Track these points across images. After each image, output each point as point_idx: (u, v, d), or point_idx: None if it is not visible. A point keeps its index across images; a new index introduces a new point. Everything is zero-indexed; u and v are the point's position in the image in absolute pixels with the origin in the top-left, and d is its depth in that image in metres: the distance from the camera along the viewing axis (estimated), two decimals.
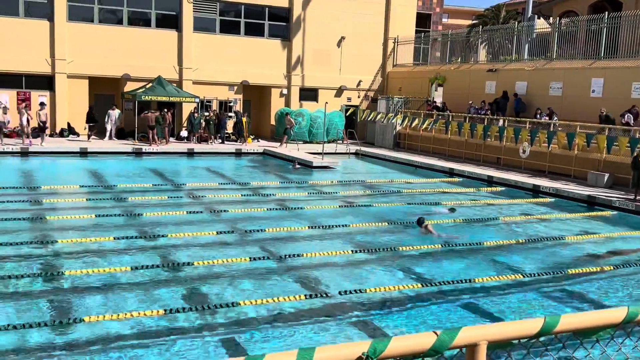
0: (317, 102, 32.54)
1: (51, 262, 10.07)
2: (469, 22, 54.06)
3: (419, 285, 9.64)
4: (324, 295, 8.91)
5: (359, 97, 34.19)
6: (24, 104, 25.99)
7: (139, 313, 7.77)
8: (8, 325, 7.19)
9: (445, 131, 26.87)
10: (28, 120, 24.32)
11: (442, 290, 9.47)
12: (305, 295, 8.78)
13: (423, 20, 37.38)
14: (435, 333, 2.12)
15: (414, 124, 27.32)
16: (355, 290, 8.99)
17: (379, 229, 13.44)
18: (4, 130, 24.63)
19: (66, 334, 7.24)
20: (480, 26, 35.54)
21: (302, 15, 32.04)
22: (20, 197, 15.26)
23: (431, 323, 8.20)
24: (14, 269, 9.51)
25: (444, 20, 65.52)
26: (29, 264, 9.83)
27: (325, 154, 25.74)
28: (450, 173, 23.15)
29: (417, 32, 35.00)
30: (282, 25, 32.17)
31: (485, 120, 25.45)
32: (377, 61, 34.30)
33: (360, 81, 33.89)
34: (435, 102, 30.26)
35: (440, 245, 12.08)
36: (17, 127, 25.00)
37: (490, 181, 21.40)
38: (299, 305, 8.51)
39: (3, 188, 15.90)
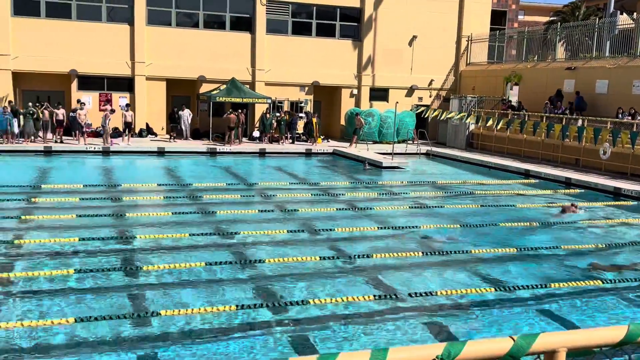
0: (387, 102, 32.36)
1: (130, 257, 10.49)
2: (547, 18, 52.23)
3: (492, 289, 9.40)
4: (394, 296, 8.84)
5: (430, 96, 33.74)
6: (109, 108, 27.17)
7: (212, 308, 7.97)
8: (90, 317, 7.54)
9: (521, 131, 26.07)
10: (107, 121, 25.45)
11: (517, 295, 9.21)
12: (374, 296, 8.75)
13: (498, 18, 36.41)
14: (512, 338, 2.06)
15: (488, 124, 26.67)
16: (425, 293, 8.87)
17: (451, 230, 13.20)
18: (86, 130, 25.90)
19: (143, 327, 7.52)
20: (559, 23, 34.28)
21: (374, 15, 31.93)
22: (102, 195, 15.98)
23: (505, 328, 7.98)
24: (95, 263, 9.96)
25: (520, 17, 63.59)
26: (109, 259, 10.28)
27: (395, 154, 25.56)
28: (526, 174, 22.46)
29: (491, 29, 34.17)
30: (353, 26, 32.18)
31: (564, 120, 24.53)
32: (449, 60, 33.74)
33: (432, 80, 33.44)
34: (510, 101, 29.45)
35: (515, 249, 11.74)
36: (99, 127, 26.21)
37: (568, 183, 20.61)
38: (369, 306, 8.48)
39: (86, 186, 16.70)
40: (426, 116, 27.91)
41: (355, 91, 32.52)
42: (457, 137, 30.58)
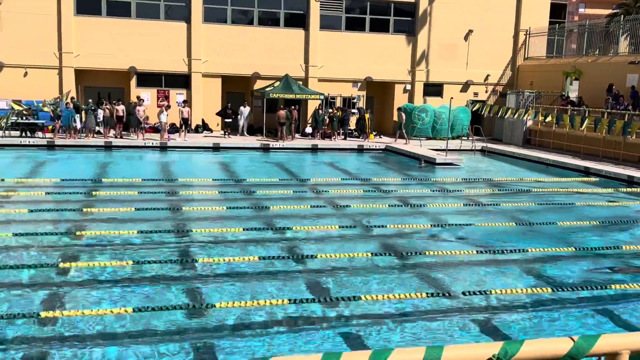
0: (441, 97, 31.94)
1: (186, 250, 10.73)
2: (609, 11, 50.37)
3: (549, 288, 9.17)
4: (447, 294, 8.74)
5: (486, 92, 33.10)
6: (166, 103, 27.87)
7: (266, 302, 8.07)
8: (147, 307, 7.77)
9: (581, 127, 25.26)
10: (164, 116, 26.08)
11: (575, 295, 8.95)
12: (427, 294, 8.67)
13: (558, 11, 35.31)
14: (572, 339, 2.01)
15: (548, 120, 25.97)
16: (479, 292, 8.73)
17: (507, 229, 12.95)
18: (144, 126, 26.62)
19: (198, 318, 7.68)
20: (622, 15, 33.01)
21: (429, 10, 31.55)
22: (159, 189, 16.40)
23: (562, 329, 7.77)
24: (152, 255, 10.24)
25: (581, 10, 61.70)
26: (166, 251, 10.54)
27: (449, 150, 25.20)
28: (586, 172, 21.76)
29: (551, 23, 33.17)
30: (407, 21, 31.88)
31: (626, 116, 23.63)
32: (506, 54, 32.99)
33: (488, 75, 32.79)
34: (569, 96, 28.56)
35: (574, 249, 11.40)
36: (157, 123, 26.88)
37: (630, 181, 19.86)
38: (421, 303, 8.42)
39: (144, 180, 17.18)
40: (482, 113, 27.43)
41: (408, 86, 32.22)
42: (514, 133, 29.89)
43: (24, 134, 25.14)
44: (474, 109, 29.22)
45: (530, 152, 25.88)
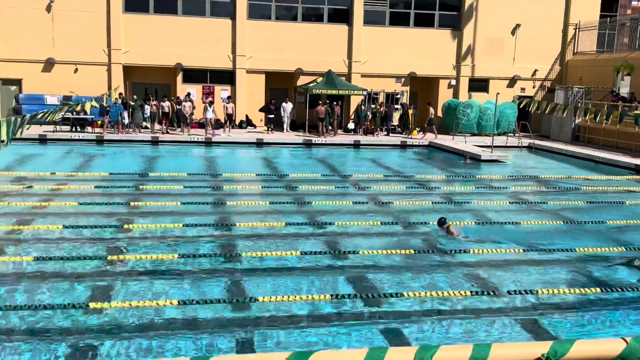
0: (487, 93, 31.41)
1: (229, 244, 10.86)
2: None
3: (598, 288, 8.91)
4: (492, 293, 8.59)
5: (533, 87, 32.38)
6: (210, 99, 28.24)
7: (308, 297, 8.10)
8: (192, 300, 7.89)
9: (635, 124, 24.39)
10: (206, 112, 26.42)
11: (625, 296, 8.68)
12: (471, 292, 8.54)
13: (609, 4, 34.20)
14: (625, 340, 1.94)
15: (599, 118, 25.21)
16: (526, 291, 8.56)
17: (554, 228, 12.65)
18: (189, 121, 27.03)
19: (242, 311, 7.76)
20: None
21: (475, 4, 31.03)
22: (204, 183, 16.64)
23: (610, 330, 7.54)
24: (196, 248, 10.39)
25: (634, 3, 59.57)
26: (210, 245, 10.69)
27: (494, 147, 24.77)
28: (637, 170, 21.07)
29: (601, 16, 32.17)
30: (453, 15, 31.44)
31: None
32: (555, 49, 32.18)
33: (535, 70, 32.07)
34: (619, 92, 27.68)
35: (623, 249, 11.05)
36: (202, 118, 27.26)
37: None
38: (465, 302, 8.30)
39: (189, 174, 17.46)
40: (529, 109, 26.84)
41: (453, 82, 31.80)
42: (562, 129, 29.17)
43: (74, 129, 25.86)
44: (521, 105, 28.60)
45: (579, 149, 25.20)
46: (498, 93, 26.95)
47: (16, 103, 27.10)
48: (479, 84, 31.94)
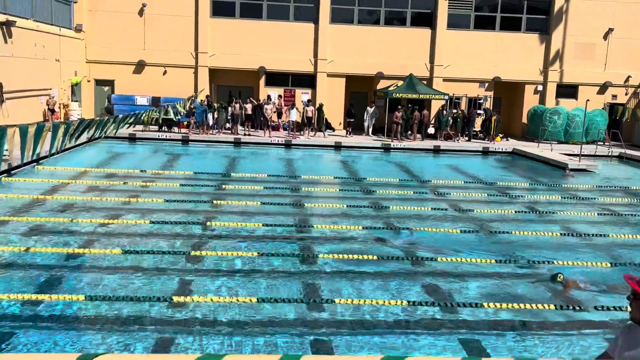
0: (576, 99, 30.18)
1: (305, 245, 10.97)
2: None
3: None
4: (577, 307, 8.24)
5: (626, 94, 30.80)
6: (291, 102, 28.69)
7: (384, 302, 8.06)
8: (270, 298, 8.04)
9: None
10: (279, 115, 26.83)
11: None
12: (555, 305, 8.23)
13: None
14: None
15: None
16: (614, 307, 8.15)
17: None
18: (271, 123, 27.53)
19: (318, 312, 7.82)
20: None
21: (565, 7, 29.90)
22: (283, 185, 16.90)
23: None
24: (273, 248, 10.57)
25: None
26: (286, 245, 10.83)
27: (582, 155, 23.73)
28: None
29: None
30: (541, 19, 30.42)
31: None
32: None
33: (629, 77, 30.49)
34: None
35: None
36: (283, 121, 27.71)
37: None
38: (547, 315, 8.00)
39: (269, 176, 17.79)
40: (622, 117, 25.55)
41: (540, 87, 30.75)
42: None
43: (161, 129, 26.93)
44: (618, 114, 27.24)
45: None
46: (588, 100, 25.81)
47: (108, 103, 28.54)
48: (568, 90, 30.73)
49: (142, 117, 18.45)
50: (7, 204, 13.10)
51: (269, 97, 28.55)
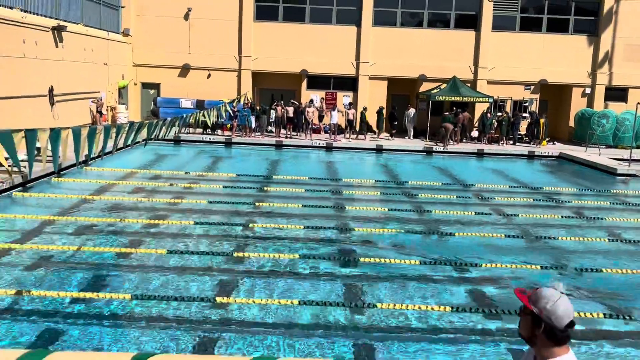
0: (625, 102, 29.33)
1: (346, 248, 10.96)
2: None
3: None
4: (627, 317, 8.00)
5: None
6: (333, 105, 28.72)
7: (426, 307, 7.99)
8: (312, 300, 8.06)
9: None
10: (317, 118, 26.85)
11: None
12: (604, 314, 8.00)
13: None
14: None
15: None
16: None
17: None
18: (312, 126, 27.61)
19: (359, 316, 7.80)
20: None
21: (615, 8, 29.11)
22: (324, 187, 16.92)
23: None
24: (313, 250, 10.59)
25: None
26: (327, 248, 10.84)
27: (633, 160, 23.03)
28: None
29: None
30: (589, 20, 29.69)
31: None
32: None
33: None
34: None
35: None
36: (324, 124, 27.76)
37: None
38: (594, 323, 7.79)
39: (310, 178, 17.85)
40: None
41: (588, 90, 30.00)
42: None
43: (205, 131, 27.33)
44: None
45: None
46: (638, 103, 25.02)
47: (154, 105, 29.13)
48: (617, 93, 29.89)
49: (189, 120, 18.79)
50: (57, 203, 13.50)
51: (311, 100, 28.68)
